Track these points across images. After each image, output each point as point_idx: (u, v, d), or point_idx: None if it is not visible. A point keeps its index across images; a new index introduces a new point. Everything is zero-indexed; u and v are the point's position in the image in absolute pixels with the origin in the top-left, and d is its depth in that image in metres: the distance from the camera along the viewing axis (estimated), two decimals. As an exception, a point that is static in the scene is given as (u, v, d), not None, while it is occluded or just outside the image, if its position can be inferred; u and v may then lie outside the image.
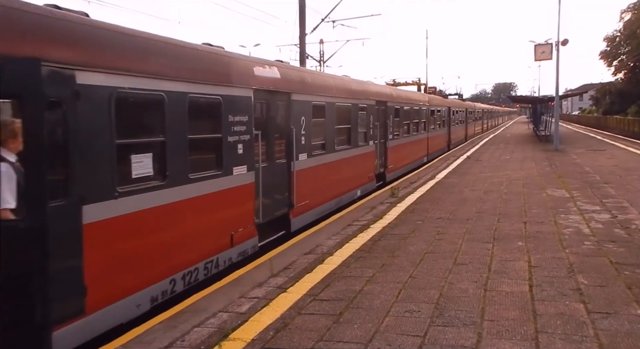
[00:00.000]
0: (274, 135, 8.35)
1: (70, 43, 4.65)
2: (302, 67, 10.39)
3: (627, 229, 7.84)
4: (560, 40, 23.99)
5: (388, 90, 16.74)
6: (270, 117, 8.23)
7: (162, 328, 4.79)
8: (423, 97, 21.97)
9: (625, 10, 55.84)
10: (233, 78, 7.06)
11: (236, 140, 7.01)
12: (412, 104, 18.80)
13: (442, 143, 25.89)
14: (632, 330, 4.30)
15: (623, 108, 54.99)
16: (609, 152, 21.78)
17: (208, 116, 6.66)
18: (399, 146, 16.72)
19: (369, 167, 13.50)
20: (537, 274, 5.85)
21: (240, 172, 7.13)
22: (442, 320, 4.65)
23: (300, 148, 9.12)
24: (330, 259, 6.85)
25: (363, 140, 12.90)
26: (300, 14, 19.90)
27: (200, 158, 6.42)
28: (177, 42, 6.26)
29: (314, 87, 9.98)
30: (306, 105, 9.46)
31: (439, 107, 24.76)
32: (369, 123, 13.30)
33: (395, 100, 16.23)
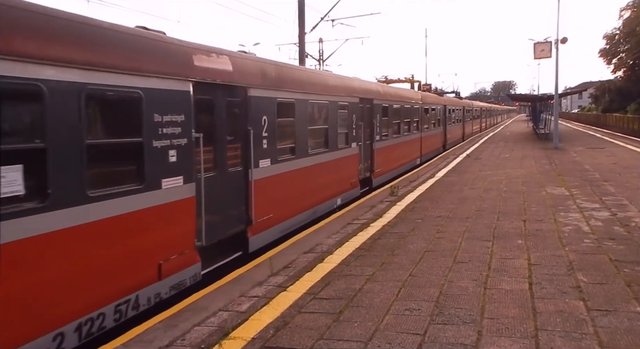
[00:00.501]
0: (224, 139, 6.89)
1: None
2: (264, 58, 8.64)
3: (626, 227, 7.85)
4: (559, 38, 23.99)
5: (375, 86, 15.11)
6: (219, 116, 6.81)
7: (163, 327, 4.80)
8: (415, 95, 20.55)
9: (625, 8, 55.83)
10: (161, 67, 5.67)
11: (166, 145, 5.62)
12: (403, 102, 17.49)
13: (437, 144, 24.78)
14: (631, 327, 4.31)
15: (622, 106, 55.02)
16: (608, 149, 21.78)
17: (122, 115, 5.26)
18: (388, 148, 15.47)
19: (352, 171, 12.17)
20: (537, 272, 5.86)
21: (173, 185, 5.73)
22: (442, 318, 4.66)
23: (261, 153, 7.75)
24: (330, 258, 6.86)
25: (344, 142, 11.60)
26: (300, 12, 19.89)
27: (108, 169, 5.10)
28: (66, 15, 4.69)
29: (279, 81, 8.52)
30: (269, 102, 8.07)
31: (433, 105, 23.36)
32: (352, 123, 12.02)
33: (383, 98, 14.90)
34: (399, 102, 16.85)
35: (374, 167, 14.00)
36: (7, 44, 3.95)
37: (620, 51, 57.73)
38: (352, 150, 12.16)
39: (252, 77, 7.66)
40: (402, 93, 18.46)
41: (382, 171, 14.75)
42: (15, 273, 4.01)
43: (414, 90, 24.35)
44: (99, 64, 4.77)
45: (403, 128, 17.50)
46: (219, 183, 6.68)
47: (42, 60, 4.21)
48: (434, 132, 23.69)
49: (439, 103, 25.25)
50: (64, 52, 4.45)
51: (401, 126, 17.23)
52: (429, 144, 22.26)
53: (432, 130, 23.12)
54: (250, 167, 7.40)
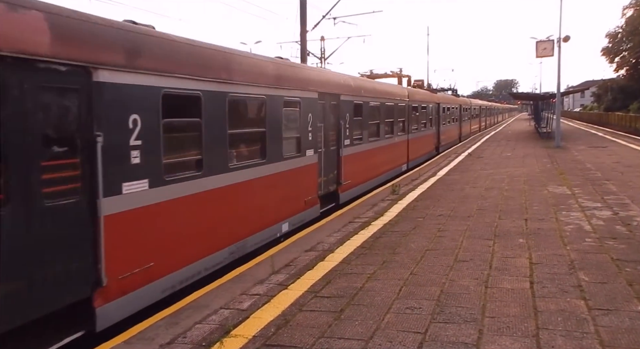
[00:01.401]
0: (47, 150, 4.37)
1: None
2: (134, 25, 5.63)
3: (628, 226, 7.83)
4: (561, 36, 23.94)
5: (343, 79, 12.11)
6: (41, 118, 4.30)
7: (164, 325, 4.82)
8: (400, 91, 17.79)
9: (628, 6, 55.73)
10: None
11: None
12: (383, 99, 14.87)
13: (429, 146, 22.21)
14: (632, 326, 4.31)
15: (625, 104, 54.96)
16: (610, 148, 21.74)
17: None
18: (362, 154, 12.77)
19: (306, 186, 9.53)
20: (538, 271, 5.85)
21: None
22: (443, 317, 4.66)
23: (129, 172, 5.15)
24: (331, 256, 6.86)
25: (294, 150, 9.01)
26: (302, 10, 19.88)
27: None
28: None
29: (167, 61, 5.76)
30: (143, 94, 5.37)
31: (424, 103, 20.78)
32: (306, 124, 9.46)
33: (354, 93, 12.27)
34: (377, 99, 14.31)
35: (342, 178, 11.33)
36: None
37: (623, 50, 57.65)
38: (307, 159, 9.51)
39: (102, 51, 4.90)
40: (382, 89, 15.59)
41: (353, 182, 12.11)
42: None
43: (400, 86, 20.55)
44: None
45: (384, 129, 14.97)
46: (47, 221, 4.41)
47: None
48: (425, 133, 21.30)
49: (431, 101, 22.76)
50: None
51: (381, 127, 14.73)
52: (418, 147, 19.90)
53: (423, 131, 20.66)
54: (98, 197, 4.71)
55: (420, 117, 20.00)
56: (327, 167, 10.67)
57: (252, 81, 7.61)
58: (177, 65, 5.94)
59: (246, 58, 7.85)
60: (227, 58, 7.13)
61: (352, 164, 11.98)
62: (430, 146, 22.50)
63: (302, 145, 9.33)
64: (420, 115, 20.14)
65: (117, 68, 5.02)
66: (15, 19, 4.10)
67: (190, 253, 6.18)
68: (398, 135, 16.69)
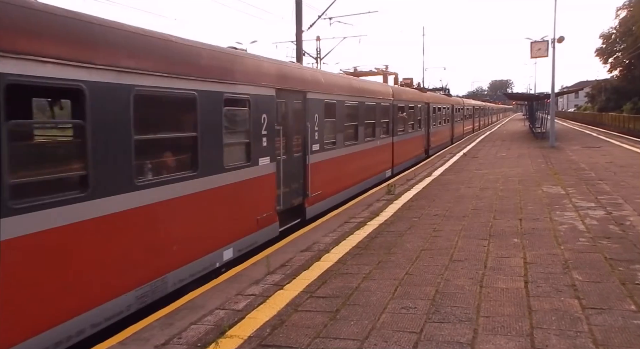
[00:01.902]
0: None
1: None
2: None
3: (621, 225, 7.89)
4: (556, 37, 24.05)
5: (311, 74, 10.45)
6: None
7: (159, 325, 4.81)
8: (384, 89, 16.16)
9: (621, 7, 56.17)
10: None
11: None
12: (363, 98, 13.28)
13: (417, 149, 20.51)
14: (625, 325, 4.34)
15: (618, 105, 55.34)
16: (604, 148, 21.87)
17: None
18: (335, 160, 11.21)
19: (259, 202, 7.85)
20: (533, 270, 5.89)
21: None
22: (438, 316, 4.68)
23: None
24: (327, 256, 6.87)
25: (241, 159, 7.40)
26: (297, 11, 19.87)
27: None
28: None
29: (40, 36, 4.25)
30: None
31: (412, 102, 19.18)
32: (259, 127, 7.75)
33: (325, 91, 10.63)
34: (355, 98, 12.72)
35: (310, 189, 9.70)
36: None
37: (617, 50, 58.09)
38: (261, 169, 7.83)
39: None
40: (361, 87, 13.76)
41: (325, 193, 10.54)
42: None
43: (383, 84, 18.51)
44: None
45: (364, 132, 13.30)
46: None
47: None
48: (413, 135, 19.61)
49: (420, 100, 20.96)
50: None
51: (360, 130, 13.04)
52: (405, 150, 18.25)
53: (410, 133, 19.07)
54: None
55: (407, 118, 18.49)
56: (290, 177, 9.02)
57: (172, 71, 5.83)
58: (64, 42, 4.40)
59: (163, 41, 5.88)
60: (128, 38, 5.28)
61: (322, 172, 10.37)
62: (418, 149, 20.83)
63: (253, 153, 7.61)
64: (408, 115, 18.57)
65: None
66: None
67: (61, 308, 4.41)
68: (381, 137, 15.08)
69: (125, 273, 5.13)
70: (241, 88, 7.33)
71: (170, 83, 5.81)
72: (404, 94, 18.50)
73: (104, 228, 4.84)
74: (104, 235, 4.84)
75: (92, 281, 4.73)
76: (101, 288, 4.83)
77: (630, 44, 51.38)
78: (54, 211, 4.30)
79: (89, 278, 4.69)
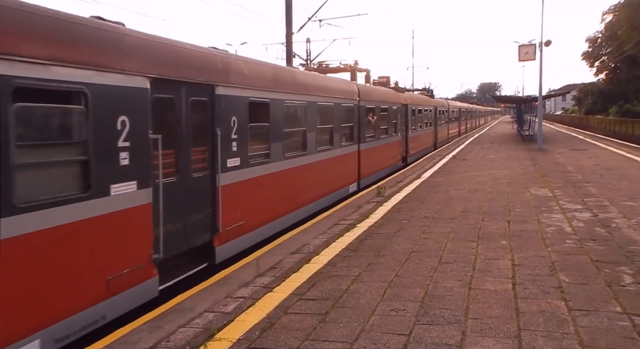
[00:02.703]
0: None
1: None
2: None
3: (607, 227, 7.99)
4: (543, 41, 24.32)
5: (223, 60, 7.38)
6: None
7: (147, 328, 4.77)
8: (347, 87, 13.32)
9: (607, 11, 56.92)
10: None
11: None
12: (314, 97, 10.64)
13: (392, 157, 17.93)
14: (611, 327, 4.40)
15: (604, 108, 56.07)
16: (590, 151, 22.14)
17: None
18: (266, 179, 8.46)
19: (115, 254, 5.19)
20: (520, 272, 5.94)
21: None
22: (427, 319, 4.70)
23: None
24: (316, 258, 6.87)
25: (69, 187, 4.72)
26: (287, 12, 19.88)
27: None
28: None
29: None
30: None
31: (385, 103, 16.84)
32: (111, 137, 5.13)
33: (250, 85, 7.95)
34: (303, 97, 10.08)
35: (221, 221, 7.03)
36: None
37: (603, 54, 58.86)
38: (114, 202, 5.16)
39: None
40: (312, 83, 10.98)
41: (249, 224, 7.84)
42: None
43: (347, 81, 14.83)
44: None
45: (316, 139, 10.62)
46: None
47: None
48: (387, 141, 17.11)
49: (396, 101, 18.47)
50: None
51: (310, 137, 10.35)
52: (377, 159, 15.59)
53: (383, 138, 16.55)
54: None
55: (379, 122, 15.86)
56: (184, 208, 6.35)
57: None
58: None
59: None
60: None
61: (246, 196, 7.75)
62: (394, 157, 18.31)
63: (97, 177, 4.93)
64: (380, 118, 16.10)
65: None
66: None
67: None
68: (343, 145, 12.35)
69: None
70: (65, 72, 4.59)
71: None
72: (375, 94, 15.99)
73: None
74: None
75: None
76: None
77: (616, 48, 52.11)
78: None
79: None
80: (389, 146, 17.48)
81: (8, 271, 4.05)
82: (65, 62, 4.61)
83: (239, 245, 7.58)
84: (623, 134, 37.93)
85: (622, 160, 17.99)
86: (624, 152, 20.97)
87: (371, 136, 15.16)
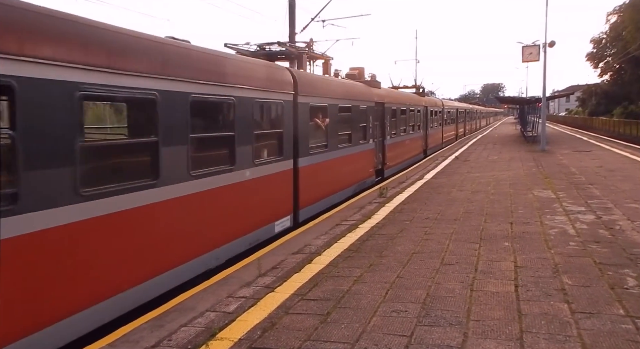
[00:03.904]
0: None
1: None
2: None
3: (611, 230, 7.96)
4: (547, 41, 24.26)
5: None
6: None
7: (149, 327, 4.78)
8: (270, 74, 8.79)
9: (611, 12, 56.76)
10: None
11: None
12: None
13: (359, 172, 13.68)
14: (614, 330, 4.38)
15: (609, 109, 55.92)
16: (594, 152, 22.07)
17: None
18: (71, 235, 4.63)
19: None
20: (523, 274, 5.92)
21: None
22: (428, 320, 4.69)
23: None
24: (318, 259, 6.86)
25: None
26: (290, 13, 19.88)
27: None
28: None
29: None
30: None
31: (348, 101, 12.65)
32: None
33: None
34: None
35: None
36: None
37: (607, 55, 58.69)
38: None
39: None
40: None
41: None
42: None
43: (272, 65, 9.58)
44: None
45: (170, 162, 6.04)
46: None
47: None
48: (350, 151, 12.89)
49: (366, 98, 14.22)
50: None
51: (165, 156, 5.93)
52: (330, 178, 11.45)
53: (345, 148, 12.43)
54: None
55: (338, 126, 11.92)
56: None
57: None
58: None
59: None
60: None
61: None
62: (362, 171, 14.00)
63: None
64: (341, 122, 12.08)
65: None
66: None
67: None
68: (260, 165, 8.16)
69: None
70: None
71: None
72: (324, 86, 11.43)
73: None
74: None
75: None
76: None
77: (621, 48, 51.95)
78: None
79: None
80: (353, 158, 13.19)
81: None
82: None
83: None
84: (627, 135, 37.85)
85: (626, 162, 17.93)
86: (628, 154, 20.91)
87: (321, 146, 10.93)
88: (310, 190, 10.27)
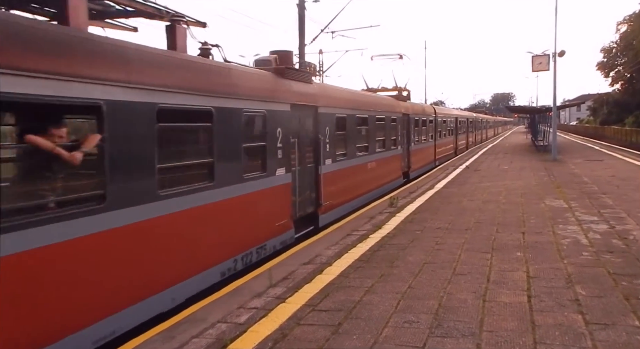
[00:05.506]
0: None
1: None
2: None
3: (624, 239, 7.86)
4: (557, 51, 24.21)
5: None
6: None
7: (161, 339, 4.79)
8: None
9: (621, 21, 56.50)
10: None
11: None
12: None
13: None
14: (629, 341, 4.31)
15: (620, 118, 55.42)
16: (606, 162, 21.86)
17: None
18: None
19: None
20: (536, 284, 5.86)
21: None
22: (441, 331, 4.65)
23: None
24: (329, 269, 6.85)
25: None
26: (300, 24, 20.08)
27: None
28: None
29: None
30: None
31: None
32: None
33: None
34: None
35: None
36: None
37: (618, 64, 58.30)
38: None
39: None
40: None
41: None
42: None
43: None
44: None
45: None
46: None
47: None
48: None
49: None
50: None
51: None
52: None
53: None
54: None
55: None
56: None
57: None
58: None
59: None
60: None
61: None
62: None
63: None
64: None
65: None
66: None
67: None
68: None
69: None
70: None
71: None
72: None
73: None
74: None
75: None
76: None
77: (631, 57, 51.58)
78: None
79: None
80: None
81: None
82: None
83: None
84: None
85: (639, 171, 17.73)
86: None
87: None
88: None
